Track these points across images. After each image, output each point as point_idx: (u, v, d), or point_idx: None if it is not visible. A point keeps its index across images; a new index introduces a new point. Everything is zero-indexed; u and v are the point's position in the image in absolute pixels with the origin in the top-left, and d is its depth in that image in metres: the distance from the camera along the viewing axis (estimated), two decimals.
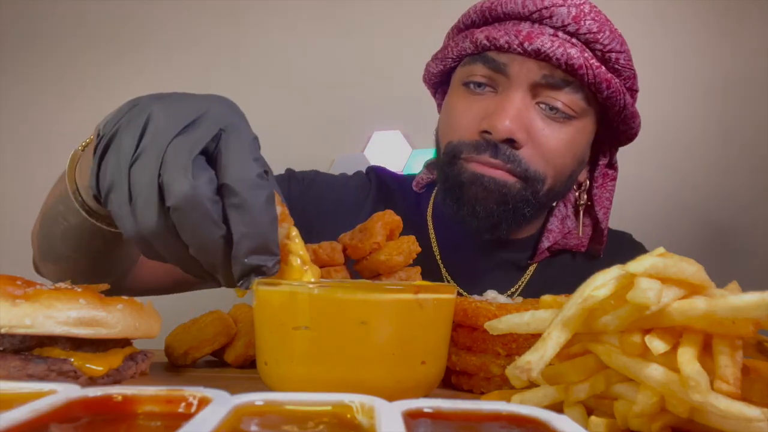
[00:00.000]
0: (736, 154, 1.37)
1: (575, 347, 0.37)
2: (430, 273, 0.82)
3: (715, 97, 1.37)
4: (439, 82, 0.83)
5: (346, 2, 1.47)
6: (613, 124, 0.77)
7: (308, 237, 0.82)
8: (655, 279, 0.32)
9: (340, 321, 0.39)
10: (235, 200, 0.37)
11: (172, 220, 0.37)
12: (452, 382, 0.53)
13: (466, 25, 0.77)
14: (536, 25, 0.70)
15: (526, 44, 0.68)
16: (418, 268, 0.61)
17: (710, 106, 1.38)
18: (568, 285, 0.78)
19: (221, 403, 0.23)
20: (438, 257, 0.84)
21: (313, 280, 0.44)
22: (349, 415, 0.24)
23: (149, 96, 0.41)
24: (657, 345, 0.32)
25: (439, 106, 0.85)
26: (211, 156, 0.39)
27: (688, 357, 0.31)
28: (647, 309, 0.32)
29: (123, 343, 0.44)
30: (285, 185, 0.85)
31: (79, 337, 0.39)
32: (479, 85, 0.73)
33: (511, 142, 0.70)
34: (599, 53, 0.70)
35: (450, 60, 0.78)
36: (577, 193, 0.83)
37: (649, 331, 0.33)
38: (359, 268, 0.59)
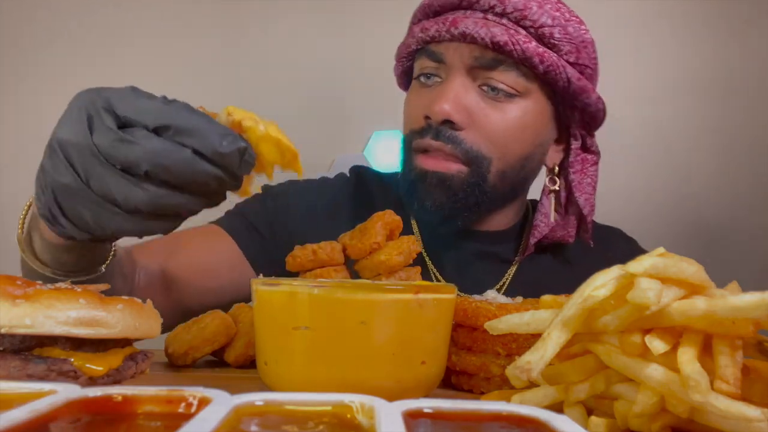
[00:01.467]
0: (736, 153, 1.37)
1: (575, 347, 0.37)
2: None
3: (716, 97, 1.37)
4: (408, 83, 0.85)
5: (346, 2, 1.47)
6: (567, 103, 0.76)
7: (291, 247, 0.83)
8: (655, 279, 0.32)
9: (340, 321, 0.39)
10: (170, 131, 0.41)
11: (151, 184, 0.41)
12: (452, 382, 0.53)
13: (412, 24, 0.80)
14: (468, 12, 0.73)
15: (452, 29, 0.71)
16: (418, 268, 0.61)
17: (711, 106, 1.38)
18: (557, 279, 0.79)
19: (221, 403, 0.23)
20: (423, 251, 0.84)
21: (312, 282, 0.44)
22: (349, 415, 0.24)
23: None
24: (657, 345, 0.32)
25: None
26: (124, 123, 0.42)
27: (688, 357, 0.31)
28: (647, 309, 0.32)
29: (123, 343, 0.44)
30: (260, 202, 0.85)
31: (79, 337, 0.39)
32: (428, 76, 0.76)
33: (450, 124, 0.71)
34: (531, 30, 0.71)
35: (404, 60, 0.81)
36: (547, 179, 0.82)
37: (649, 331, 0.33)
38: (359, 268, 0.59)
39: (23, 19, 1.50)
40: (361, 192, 0.88)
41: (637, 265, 0.32)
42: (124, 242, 0.66)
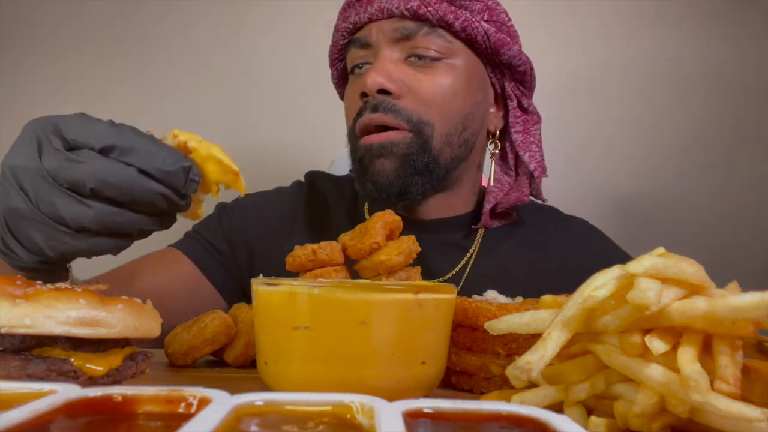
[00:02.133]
0: (736, 153, 1.37)
1: (575, 347, 0.37)
2: None
3: (716, 96, 1.37)
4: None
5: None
6: (494, 60, 0.78)
7: (253, 260, 0.84)
8: (655, 279, 0.32)
9: (340, 321, 0.39)
10: (116, 152, 0.42)
11: (97, 202, 0.42)
12: (452, 382, 0.53)
13: (335, 25, 0.82)
14: None
15: (369, 8, 0.75)
16: (418, 268, 0.61)
17: (712, 105, 1.38)
18: (513, 264, 0.80)
19: (221, 403, 0.23)
20: None
21: (312, 282, 0.44)
22: (349, 415, 0.24)
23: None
24: (657, 345, 0.32)
25: None
26: (72, 146, 0.43)
27: (688, 357, 0.31)
28: (647, 309, 0.31)
29: (123, 343, 0.44)
30: (216, 220, 0.86)
31: (79, 337, 0.39)
32: (360, 66, 0.78)
33: (386, 94, 0.73)
34: None
35: (337, 60, 0.84)
36: (491, 145, 0.84)
37: (649, 331, 0.33)
38: (359, 268, 0.59)
39: (23, 19, 1.50)
40: (315, 197, 0.90)
41: (637, 265, 0.32)
42: (85, 269, 0.66)
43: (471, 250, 0.83)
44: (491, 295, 0.57)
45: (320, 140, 1.45)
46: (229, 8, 1.49)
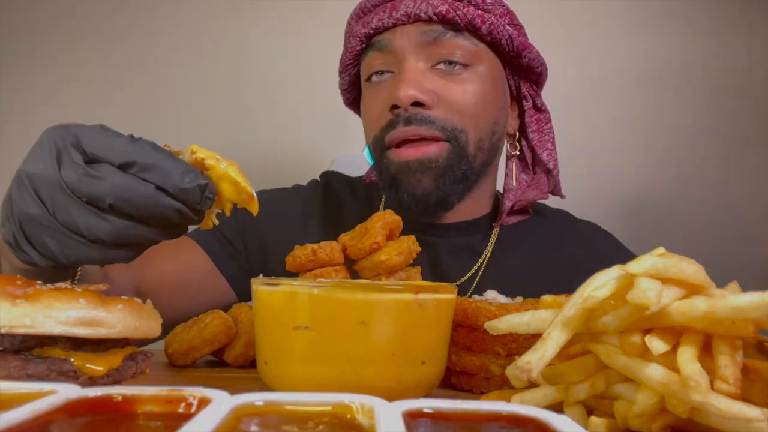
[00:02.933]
0: (736, 153, 1.37)
1: (575, 347, 0.37)
2: None
3: (722, 97, 1.37)
4: (357, 96, 0.85)
5: (348, 2, 1.47)
6: (514, 63, 0.79)
7: (264, 255, 0.85)
8: (655, 279, 0.32)
9: (340, 321, 0.39)
10: (135, 168, 0.42)
11: (114, 216, 0.43)
12: (452, 382, 0.53)
13: (348, 32, 0.81)
14: None
15: (394, 13, 0.73)
16: (418, 268, 0.61)
17: (711, 105, 1.38)
18: (526, 268, 0.81)
19: (221, 403, 0.23)
20: None
21: (312, 282, 0.44)
22: (349, 415, 0.24)
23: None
24: (657, 345, 0.32)
25: None
26: (91, 159, 0.43)
27: (688, 357, 0.30)
28: (647, 309, 0.31)
29: (123, 343, 0.44)
30: (232, 213, 0.86)
31: (79, 337, 0.39)
32: (380, 73, 0.77)
33: (419, 105, 0.72)
34: (467, 0, 0.74)
35: (350, 66, 0.82)
36: (508, 144, 0.85)
37: (649, 331, 0.33)
38: (359, 268, 0.59)
39: (22, 19, 1.50)
40: (330, 197, 0.90)
41: (637, 265, 0.32)
42: None
43: (484, 253, 0.83)
44: (491, 295, 0.57)
45: (321, 140, 1.45)
46: (229, 7, 1.49)
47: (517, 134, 0.84)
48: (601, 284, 0.33)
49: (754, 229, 1.34)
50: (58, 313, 0.38)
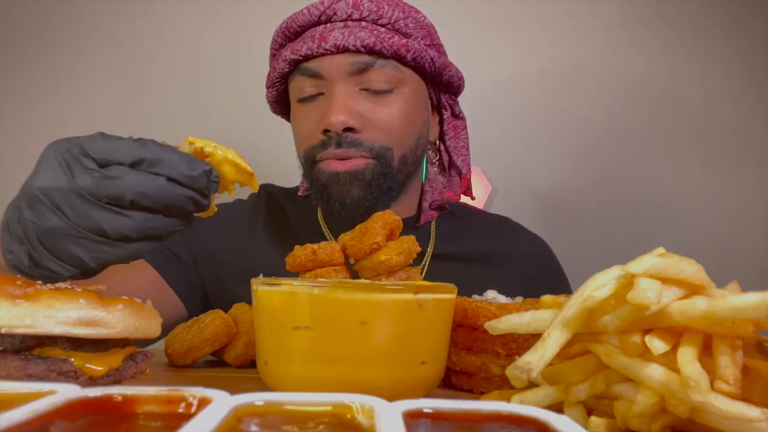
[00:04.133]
0: (737, 153, 1.37)
1: (575, 347, 0.37)
2: None
3: (718, 95, 1.37)
4: (283, 108, 0.91)
5: None
6: (435, 80, 0.84)
7: (216, 267, 0.87)
8: (655, 279, 0.32)
9: (340, 321, 0.39)
10: (145, 164, 0.45)
11: (137, 214, 0.46)
12: (452, 382, 0.53)
13: (275, 50, 0.85)
14: (328, 25, 0.79)
15: (323, 44, 0.77)
16: (418, 268, 0.61)
17: (712, 105, 1.38)
18: (466, 263, 0.86)
19: (221, 403, 0.23)
20: None
21: (312, 282, 0.44)
22: (349, 415, 0.24)
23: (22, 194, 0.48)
24: (657, 345, 0.32)
25: None
26: (101, 164, 0.46)
27: (688, 357, 0.31)
28: (647, 309, 0.32)
29: (123, 343, 0.44)
30: (178, 233, 0.89)
31: (79, 337, 0.39)
32: (310, 98, 0.81)
33: (350, 130, 0.77)
34: (389, 26, 0.79)
35: (277, 84, 0.86)
36: (429, 151, 0.91)
37: (649, 331, 0.33)
38: (359, 268, 0.59)
39: (21, 19, 1.50)
40: (272, 207, 0.94)
41: (637, 265, 0.32)
42: None
43: (429, 245, 0.88)
44: (491, 295, 0.57)
45: None
46: (230, 7, 1.49)
47: (437, 141, 0.91)
48: (601, 284, 0.33)
49: (755, 229, 1.34)
50: (58, 313, 0.38)
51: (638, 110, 1.39)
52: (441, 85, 0.86)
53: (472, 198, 0.95)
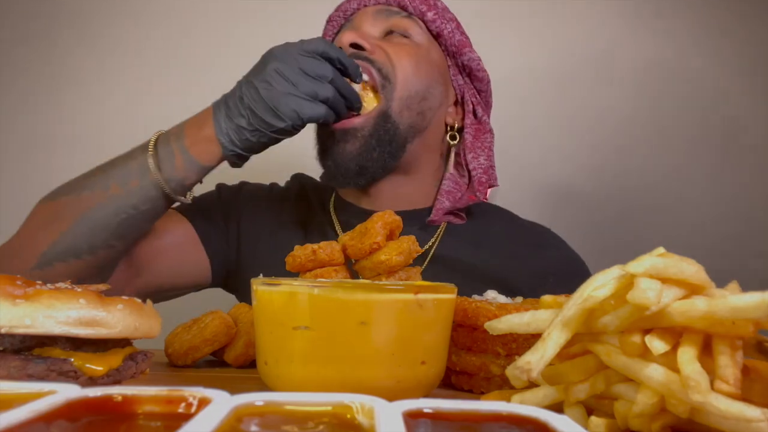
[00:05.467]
0: (737, 152, 1.37)
1: (575, 347, 0.37)
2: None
3: (718, 94, 1.37)
4: None
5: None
6: (457, 61, 0.89)
7: (239, 241, 0.89)
8: (655, 279, 0.32)
9: (340, 321, 0.39)
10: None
11: (331, 86, 0.71)
12: (452, 382, 0.53)
13: (329, 20, 0.93)
14: None
15: None
16: (418, 268, 0.61)
17: (712, 105, 1.38)
18: (471, 261, 0.85)
19: (221, 403, 0.23)
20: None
21: (312, 282, 0.44)
22: (349, 415, 0.24)
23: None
24: (657, 345, 0.32)
25: None
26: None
27: (688, 357, 0.31)
28: (647, 309, 0.31)
29: (123, 343, 0.44)
30: (216, 195, 0.94)
31: (79, 337, 0.39)
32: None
33: (358, 49, 0.81)
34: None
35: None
36: (448, 136, 0.91)
37: (649, 331, 0.33)
38: (359, 268, 0.59)
39: (21, 18, 1.50)
40: (300, 196, 0.97)
41: (637, 265, 0.32)
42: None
43: (431, 243, 0.87)
44: (491, 295, 0.57)
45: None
46: (232, 6, 1.49)
47: (456, 126, 0.91)
48: (601, 284, 0.33)
49: (755, 229, 1.34)
50: (58, 313, 0.38)
51: (643, 106, 1.38)
52: (464, 72, 0.90)
53: (484, 202, 0.91)
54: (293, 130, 0.72)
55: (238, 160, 0.74)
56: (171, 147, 0.72)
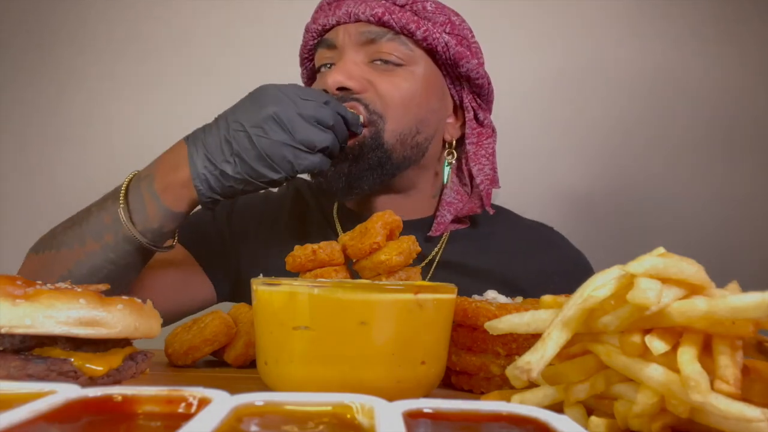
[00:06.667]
0: (736, 152, 1.37)
1: (575, 347, 0.37)
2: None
3: (718, 96, 1.37)
4: None
5: None
6: (453, 72, 0.83)
7: (239, 251, 0.88)
8: (655, 279, 0.32)
9: (340, 321, 0.39)
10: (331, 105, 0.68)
11: (330, 133, 0.67)
12: (452, 382, 0.53)
13: (306, 26, 0.86)
14: None
15: (337, 12, 0.80)
16: (418, 268, 0.61)
17: (711, 105, 1.38)
18: (477, 267, 0.83)
19: (221, 403, 0.23)
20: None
21: (312, 282, 0.44)
22: (349, 415, 0.24)
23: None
24: (657, 345, 0.32)
25: None
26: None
27: (688, 357, 0.31)
28: (647, 309, 0.31)
29: (123, 343, 0.44)
30: (210, 215, 0.90)
31: (79, 337, 0.39)
32: (326, 65, 0.82)
33: (345, 91, 0.77)
34: (407, 7, 0.79)
35: (306, 60, 0.88)
36: (446, 152, 0.88)
37: (649, 331, 0.33)
38: (359, 268, 0.59)
39: (23, 19, 1.50)
40: (297, 202, 0.95)
41: (637, 265, 0.32)
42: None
43: (434, 252, 0.85)
44: (491, 295, 0.57)
45: None
46: (235, 7, 1.49)
47: (454, 143, 0.87)
48: (601, 284, 0.33)
49: (755, 229, 1.34)
50: (58, 313, 0.38)
51: (647, 108, 1.38)
52: (461, 80, 0.84)
53: (489, 211, 0.87)
54: (284, 180, 0.67)
55: (213, 204, 0.68)
56: (141, 194, 0.66)
